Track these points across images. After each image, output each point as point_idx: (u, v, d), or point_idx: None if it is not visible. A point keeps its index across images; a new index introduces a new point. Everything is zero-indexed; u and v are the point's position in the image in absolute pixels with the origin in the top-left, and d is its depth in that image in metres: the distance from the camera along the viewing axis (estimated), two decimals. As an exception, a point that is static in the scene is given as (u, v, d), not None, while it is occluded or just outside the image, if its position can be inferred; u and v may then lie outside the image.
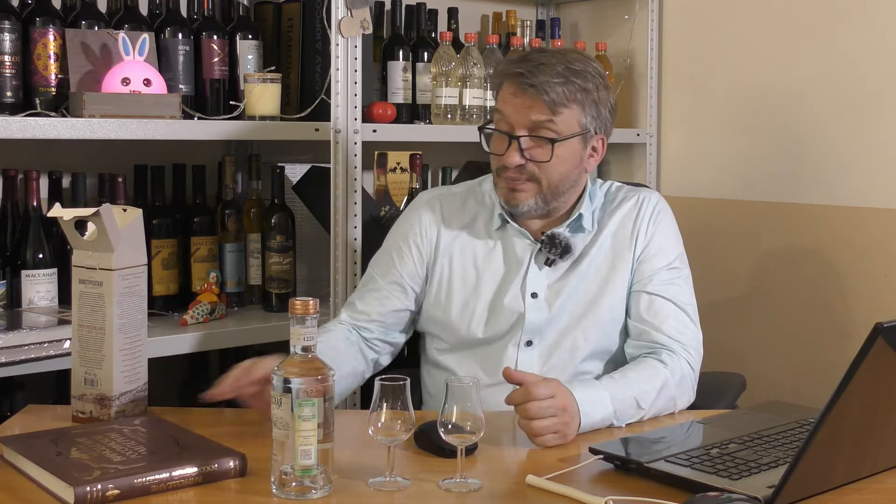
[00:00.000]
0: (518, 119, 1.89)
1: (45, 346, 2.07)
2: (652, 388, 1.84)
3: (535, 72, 1.87)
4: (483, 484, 1.48)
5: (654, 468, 1.48)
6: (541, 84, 1.86)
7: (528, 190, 1.93)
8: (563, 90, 1.87)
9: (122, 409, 1.74)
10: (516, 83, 1.89)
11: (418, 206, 2.10)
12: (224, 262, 2.60)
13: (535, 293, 1.98)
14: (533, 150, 1.90)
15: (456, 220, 2.06)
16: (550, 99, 1.87)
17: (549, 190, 1.93)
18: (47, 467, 1.45)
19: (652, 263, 1.99)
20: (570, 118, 1.90)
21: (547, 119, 1.88)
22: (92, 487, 1.38)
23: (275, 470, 1.43)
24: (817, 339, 2.84)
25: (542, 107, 1.88)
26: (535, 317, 1.97)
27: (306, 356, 1.43)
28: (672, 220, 2.06)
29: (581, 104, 1.90)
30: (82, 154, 2.51)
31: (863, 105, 2.75)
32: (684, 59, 3.18)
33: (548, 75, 1.87)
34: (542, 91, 1.86)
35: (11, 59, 2.24)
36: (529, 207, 1.94)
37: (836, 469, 1.45)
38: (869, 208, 2.74)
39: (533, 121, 1.88)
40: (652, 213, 2.02)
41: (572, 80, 1.88)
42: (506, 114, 1.91)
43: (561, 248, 1.96)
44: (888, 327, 1.31)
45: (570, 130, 1.90)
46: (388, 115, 2.66)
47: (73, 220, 1.74)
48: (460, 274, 2.02)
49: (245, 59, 2.57)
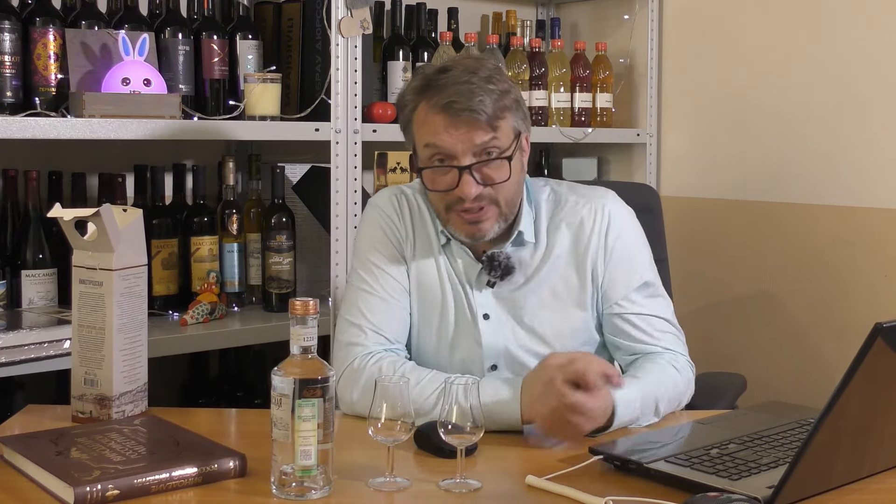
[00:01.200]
0: (461, 148, 1.75)
1: (45, 346, 2.07)
2: (668, 393, 1.81)
3: (465, 95, 1.74)
4: (483, 484, 1.48)
5: (654, 468, 1.48)
6: (477, 105, 1.73)
7: (490, 216, 1.80)
8: (495, 103, 1.76)
9: (122, 409, 1.74)
10: (447, 112, 1.74)
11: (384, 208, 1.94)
12: (224, 262, 2.60)
13: (487, 314, 1.88)
14: (489, 173, 1.77)
15: (417, 226, 1.93)
16: (487, 116, 1.74)
17: (508, 208, 1.82)
18: (47, 467, 1.45)
19: (624, 284, 1.88)
20: (507, 128, 1.79)
21: (491, 138, 1.76)
22: (92, 488, 1.38)
23: (275, 470, 1.43)
24: (817, 339, 2.84)
25: (483, 127, 1.75)
26: (492, 339, 1.88)
27: (306, 356, 1.43)
28: (631, 226, 1.93)
29: (510, 109, 1.79)
30: (82, 154, 2.51)
31: (862, 105, 2.75)
32: (684, 59, 3.18)
33: (478, 94, 1.74)
34: (478, 112, 1.74)
35: (11, 59, 2.24)
36: (494, 234, 1.83)
37: (836, 469, 1.45)
38: (869, 208, 2.74)
39: (477, 144, 1.75)
40: (609, 225, 1.89)
41: (495, 90, 1.76)
42: (443, 146, 1.76)
43: (501, 271, 1.85)
44: (888, 327, 1.31)
45: (510, 140, 1.79)
46: (388, 115, 2.66)
47: (73, 220, 1.74)
48: (417, 296, 1.90)
49: (245, 59, 2.57)
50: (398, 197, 1.95)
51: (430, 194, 1.84)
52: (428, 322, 1.91)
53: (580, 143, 3.04)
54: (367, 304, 1.88)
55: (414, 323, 1.91)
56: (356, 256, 1.95)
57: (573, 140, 3.01)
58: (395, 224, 1.93)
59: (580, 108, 3.08)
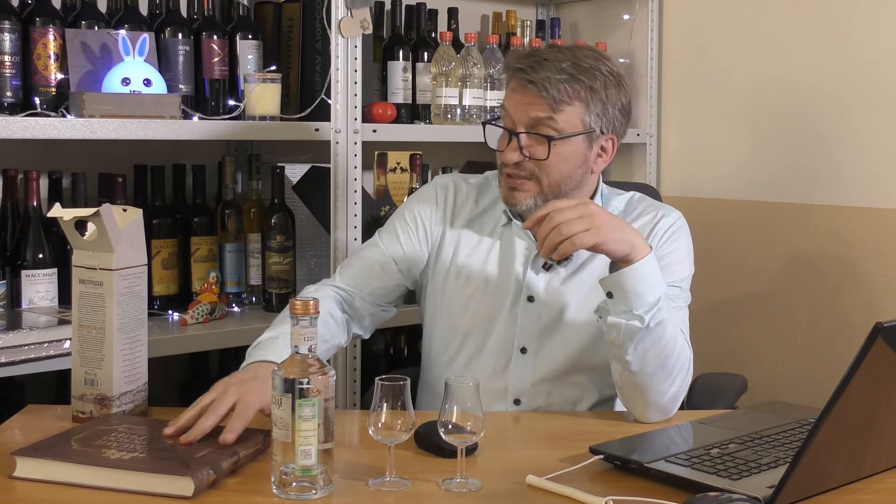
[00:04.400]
0: (518, 115, 1.85)
1: (45, 346, 2.07)
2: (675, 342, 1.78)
3: (537, 67, 1.82)
4: (483, 484, 1.48)
5: (654, 468, 1.48)
6: (540, 80, 1.81)
7: (528, 189, 1.87)
8: (566, 87, 1.81)
9: (122, 408, 1.74)
10: (517, 78, 1.85)
11: (434, 187, 2.06)
12: (224, 262, 2.60)
13: (532, 297, 1.94)
14: (531, 147, 1.85)
15: (465, 210, 2.02)
16: (550, 96, 1.81)
17: (550, 190, 1.87)
18: (143, 468, 1.45)
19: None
20: (572, 116, 1.84)
21: (547, 116, 1.83)
22: (201, 473, 1.42)
23: (275, 470, 1.43)
24: (817, 339, 2.84)
25: (542, 104, 1.82)
26: (529, 323, 1.93)
27: (306, 356, 1.43)
28: (687, 242, 1.98)
29: (585, 102, 1.84)
30: (82, 154, 2.51)
31: (862, 105, 2.75)
32: (684, 59, 3.18)
33: (549, 71, 1.81)
34: (542, 87, 1.81)
35: (11, 59, 2.24)
36: (528, 207, 1.88)
37: (836, 469, 1.45)
38: (869, 208, 2.74)
39: (532, 117, 1.83)
40: (668, 230, 1.94)
41: (577, 78, 1.82)
42: (508, 110, 1.87)
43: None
44: (888, 327, 1.31)
45: (573, 129, 1.85)
46: (388, 115, 2.66)
47: (73, 220, 1.74)
48: (460, 268, 1.98)
49: (245, 59, 2.57)
50: (449, 184, 2.06)
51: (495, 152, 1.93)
52: (463, 302, 1.97)
53: (580, 143, 3.04)
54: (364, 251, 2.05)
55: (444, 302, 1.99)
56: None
57: (573, 140, 3.00)
58: (426, 204, 2.03)
59: (580, 108, 3.07)
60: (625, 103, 1.91)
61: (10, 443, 1.70)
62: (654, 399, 1.79)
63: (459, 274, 1.98)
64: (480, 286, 1.97)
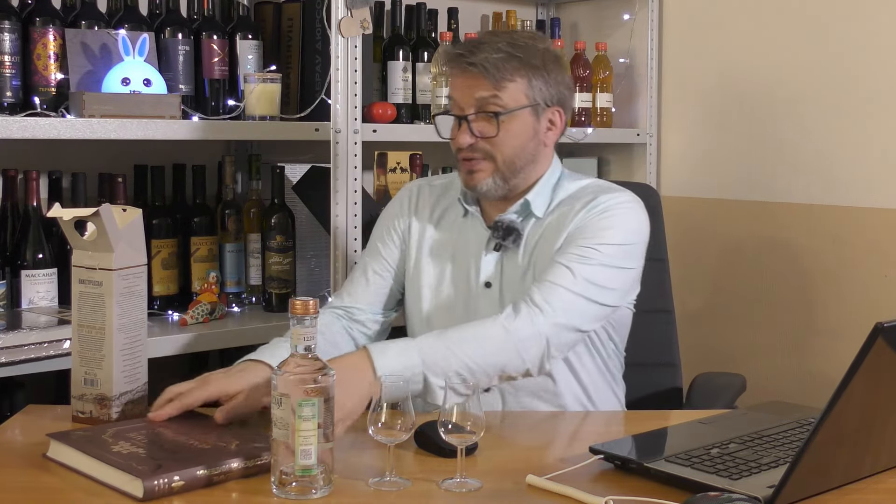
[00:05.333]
0: (465, 99, 1.91)
1: (45, 346, 2.07)
2: (472, 335, 1.75)
3: (475, 50, 1.89)
4: (483, 484, 1.48)
5: (654, 468, 1.48)
6: (480, 61, 1.87)
7: (485, 169, 1.92)
8: (505, 64, 1.88)
9: (121, 408, 1.74)
10: (458, 64, 1.91)
11: (399, 195, 2.15)
12: (224, 262, 2.60)
13: (489, 283, 1.97)
14: (481, 127, 1.90)
15: (429, 210, 2.08)
16: (491, 74, 1.87)
17: (506, 166, 1.92)
18: (109, 461, 1.46)
19: (573, 240, 1.88)
20: (515, 92, 1.90)
21: (491, 95, 1.89)
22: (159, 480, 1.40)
23: (275, 470, 1.43)
24: (817, 339, 2.84)
25: (485, 83, 1.88)
26: (486, 308, 1.94)
27: (306, 356, 1.43)
28: (626, 218, 1.91)
29: (526, 77, 1.90)
30: (82, 154, 2.51)
31: (862, 105, 2.75)
32: (684, 59, 3.18)
33: (487, 52, 1.88)
34: (482, 67, 1.87)
35: (11, 59, 2.24)
36: (488, 187, 1.93)
37: (836, 469, 1.45)
38: (869, 208, 2.74)
39: (478, 98, 1.89)
40: (603, 203, 1.92)
41: (515, 55, 1.89)
42: (454, 97, 1.94)
43: (502, 231, 1.94)
44: (888, 327, 1.31)
45: (517, 104, 1.90)
46: (388, 115, 2.66)
47: (72, 220, 1.74)
48: (428, 265, 2.04)
49: (245, 59, 2.57)
50: (413, 188, 2.14)
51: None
52: (430, 297, 2.02)
53: (580, 143, 3.04)
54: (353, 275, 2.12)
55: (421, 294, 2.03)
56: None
57: (573, 140, 3.01)
58: (395, 212, 2.11)
59: (580, 108, 3.07)
60: (567, 78, 1.98)
61: (11, 443, 1.71)
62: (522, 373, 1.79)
63: (425, 271, 2.04)
64: (442, 279, 2.02)
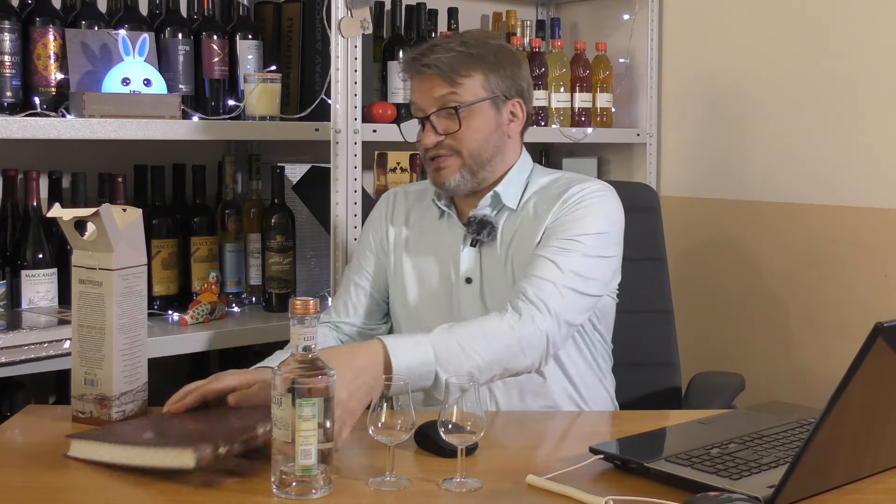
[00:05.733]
0: (425, 101, 1.95)
1: (45, 346, 2.07)
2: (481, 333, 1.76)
3: (428, 52, 1.94)
4: (483, 484, 1.48)
5: (654, 468, 1.48)
6: (433, 62, 1.93)
7: (451, 165, 1.96)
8: (458, 62, 1.93)
9: (122, 408, 1.74)
10: (414, 68, 1.96)
11: (377, 206, 2.19)
12: (224, 262, 2.60)
13: (469, 279, 1.99)
14: (443, 123, 1.94)
15: (405, 215, 2.11)
16: (445, 72, 1.92)
17: (472, 159, 1.96)
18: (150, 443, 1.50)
19: (553, 233, 1.92)
20: (473, 86, 1.94)
21: (449, 92, 1.93)
22: (206, 448, 1.44)
23: (275, 470, 1.43)
24: (817, 339, 2.84)
25: (441, 81, 1.93)
26: (469, 305, 1.98)
27: (306, 356, 1.43)
28: (600, 207, 1.94)
29: (482, 72, 1.95)
30: (82, 154, 2.51)
31: (862, 105, 2.75)
32: (684, 59, 3.18)
33: (439, 52, 1.93)
34: (436, 68, 1.92)
35: (11, 59, 2.24)
36: (456, 183, 1.97)
37: (836, 469, 1.45)
38: (869, 208, 2.74)
39: (436, 98, 1.94)
40: (577, 194, 1.95)
41: (468, 52, 1.94)
42: (415, 101, 1.98)
43: (476, 226, 1.97)
44: (888, 327, 1.31)
45: (475, 97, 1.94)
46: (388, 115, 2.66)
47: (72, 220, 1.74)
48: (409, 267, 2.06)
49: (245, 59, 2.57)
50: (390, 196, 2.17)
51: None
52: (414, 299, 2.05)
53: (580, 143, 3.04)
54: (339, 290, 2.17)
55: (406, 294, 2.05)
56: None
57: (573, 140, 3.01)
58: (373, 223, 2.15)
59: (580, 108, 3.07)
60: (524, 72, 2.03)
61: (11, 443, 1.71)
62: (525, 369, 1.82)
63: (407, 273, 2.06)
64: (424, 279, 2.04)
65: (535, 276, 1.85)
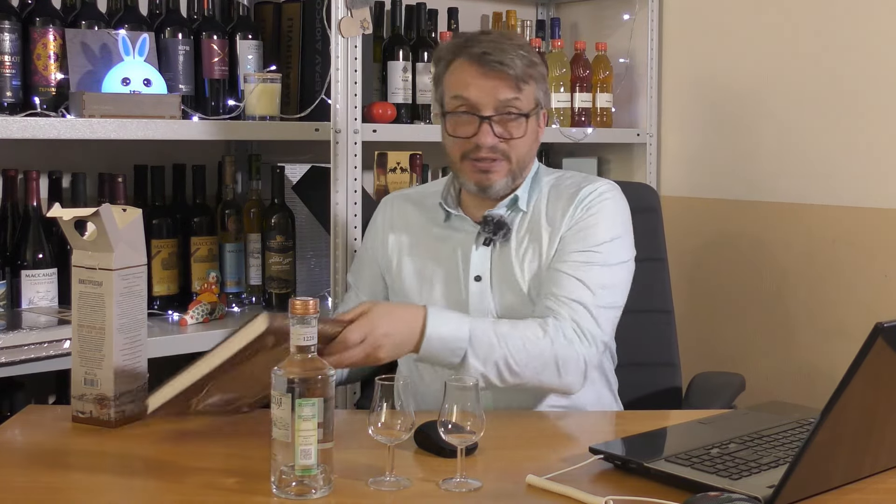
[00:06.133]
0: (486, 99, 1.91)
1: (45, 346, 2.07)
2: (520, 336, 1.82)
3: (498, 50, 1.90)
4: (483, 484, 1.48)
5: (654, 468, 1.48)
6: (508, 60, 1.89)
7: (501, 170, 1.94)
8: (527, 68, 1.91)
9: (122, 409, 1.74)
10: (481, 62, 1.90)
11: (374, 214, 2.17)
12: (224, 262, 2.60)
13: (479, 276, 1.99)
14: (507, 127, 1.92)
15: (404, 220, 2.10)
16: (516, 75, 1.90)
17: (518, 166, 1.96)
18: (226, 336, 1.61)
19: (572, 244, 1.94)
20: (530, 94, 1.94)
21: (514, 97, 1.91)
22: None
23: (275, 470, 1.43)
24: (817, 339, 2.84)
25: (510, 84, 1.90)
26: (477, 301, 1.97)
27: (306, 356, 1.43)
28: (612, 209, 1.98)
29: (536, 80, 1.94)
30: (82, 154, 2.51)
31: (862, 105, 2.75)
32: (684, 59, 3.18)
33: (509, 53, 1.90)
34: (510, 67, 1.89)
35: (11, 59, 2.24)
36: (501, 187, 1.96)
37: (837, 469, 1.45)
38: (869, 208, 2.74)
39: (501, 100, 1.91)
40: (588, 196, 1.97)
41: (529, 59, 1.92)
42: (468, 96, 1.91)
43: (493, 226, 1.97)
44: (888, 327, 1.31)
45: (530, 107, 1.94)
46: (388, 115, 2.66)
47: (72, 220, 1.74)
48: (411, 272, 2.05)
49: (245, 59, 2.57)
50: (388, 201, 2.16)
51: (448, 143, 1.97)
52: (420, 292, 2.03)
53: (580, 143, 3.04)
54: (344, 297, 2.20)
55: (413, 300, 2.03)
56: None
57: (573, 140, 3.01)
58: (372, 231, 2.15)
59: (580, 108, 3.08)
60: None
61: (11, 442, 1.71)
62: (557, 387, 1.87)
63: (407, 278, 2.05)
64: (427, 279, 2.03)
65: (566, 298, 1.88)
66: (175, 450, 1.66)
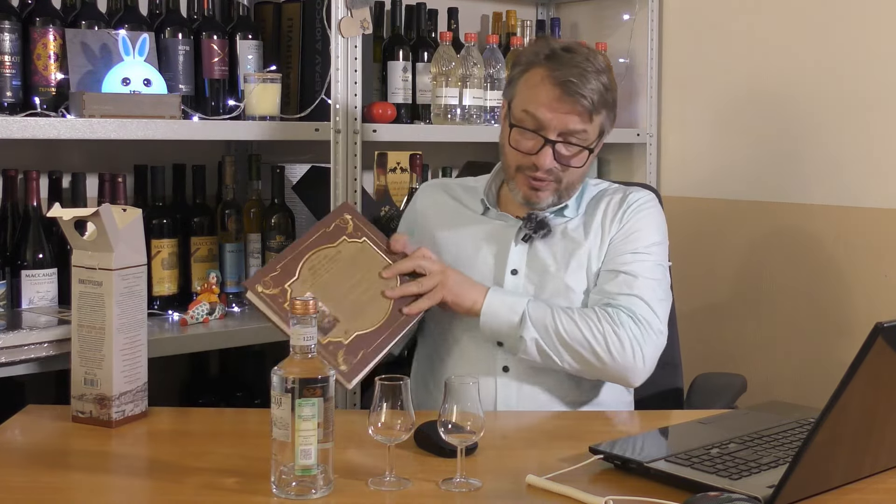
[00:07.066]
0: (556, 124, 1.93)
1: (45, 346, 2.07)
2: (576, 311, 1.91)
3: (582, 79, 1.91)
4: (483, 483, 1.48)
5: (654, 468, 1.48)
6: (587, 92, 1.91)
7: (550, 190, 1.98)
8: (599, 101, 1.94)
9: (122, 408, 1.74)
10: (563, 88, 1.91)
11: (417, 194, 2.21)
12: (224, 262, 2.59)
13: (515, 270, 2.01)
14: (568, 155, 1.95)
15: (443, 209, 2.12)
16: (591, 108, 1.92)
17: (567, 188, 2.00)
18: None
19: (622, 247, 2.00)
20: (596, 126, 1.97)
21: (582, 129, 1.94)
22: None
23: (275, 470, 1.43)
24: (817, 339, 2.84)
25: (583, 114, 1.93)
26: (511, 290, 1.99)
27: (306, 356, 1.43)
28: (657, 215, 2.06)
29: (607, 107, 1.97)
30: (82, 154, 2.51)
31: (862, 105, 2.75)
32: (684, 59, 3.18)
33: (591, 82, 1.92)
34: (587, 98, 1.91)
35: (11, 59, 2.24)
36: (547, 203, 2.01)
37: (836, 469, 1.45)
38: (869, 208, 2.74)
39: (570, 129, 1.93)
40: (635, 203, 2.04)
41: (604, 93, 1.94)
42: (540, 116, 1.93)
43: (535, 224, 2.00)
44: (888, 327, 1.31)
45: (594, 139, 1.97)
46: (388, 115, 2.66)
47: (72, 220, 1.74)
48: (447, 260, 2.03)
49: (245, 59, 2.57)
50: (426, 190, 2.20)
51: (506, 150, 2.00)
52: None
53: (580, 143, 3.04)
54: None
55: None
56: None
57: (573, 140, 3.00)
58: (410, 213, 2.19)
59: (580, 108, 3.07)
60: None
61: (11, 442, 1.71)
62: (612, 368, 1.91)
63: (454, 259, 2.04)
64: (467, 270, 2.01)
65: (621, 294, 1.93)
66: (175, 450, 1.67)
